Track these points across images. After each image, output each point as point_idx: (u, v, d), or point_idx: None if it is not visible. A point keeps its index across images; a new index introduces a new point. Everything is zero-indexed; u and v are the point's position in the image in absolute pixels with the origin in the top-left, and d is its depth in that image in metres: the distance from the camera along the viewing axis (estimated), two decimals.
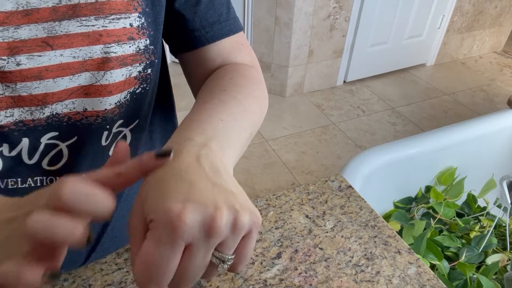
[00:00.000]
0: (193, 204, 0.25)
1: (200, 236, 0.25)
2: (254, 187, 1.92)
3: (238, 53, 0.49)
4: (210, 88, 0.42)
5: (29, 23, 0.34)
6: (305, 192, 0.65)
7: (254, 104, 0.42)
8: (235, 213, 0.26)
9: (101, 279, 0.50)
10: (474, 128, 1.30)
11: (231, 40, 0.48)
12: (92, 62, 0.38)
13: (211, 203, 0.26)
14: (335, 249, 0.56)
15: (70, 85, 0.38)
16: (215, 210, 0.25)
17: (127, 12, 0.38)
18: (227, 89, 0.41)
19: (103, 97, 0.40)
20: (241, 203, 0.27)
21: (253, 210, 0.28)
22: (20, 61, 0.35)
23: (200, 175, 0.28)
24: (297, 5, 2.24)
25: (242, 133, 0.37)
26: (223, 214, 0.25)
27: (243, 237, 0.28)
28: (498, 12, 3.14)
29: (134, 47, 0.40)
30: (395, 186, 1.25)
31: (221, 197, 0.27)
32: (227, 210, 0.26)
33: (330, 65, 2.66)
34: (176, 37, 0.47)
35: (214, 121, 0.34)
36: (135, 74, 0.41)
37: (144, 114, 0.47)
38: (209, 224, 0.25)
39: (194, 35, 0.46)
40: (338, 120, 2.44)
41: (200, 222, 0.25)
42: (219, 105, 0.37)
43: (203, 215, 0.25)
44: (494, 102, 2.73)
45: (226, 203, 0.26)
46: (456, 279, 1.00)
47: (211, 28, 0.46)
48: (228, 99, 0.39)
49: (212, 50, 0.47)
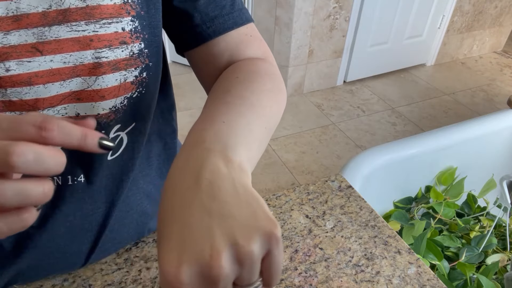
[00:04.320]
0: (186, 257, 0.24)
1: (206, 284, 0.24)
2: (254, 187, 1.91)
3: (247, 46, 0.47)
4: (215, 92, 0.41)
5: (18, 28, 0.34)
6: (305, 192, 0.65)
7: (265, 97, 0.40)
8: (237, 248, 0.24)
9: (101, 279, 0.50)
10: (474, 128, 1.30)
11: (238, 32, 0.46)
12: (83, 67, 0.37)
13: (206, 247, 0.24)
14: (335, 249, 0.56)
15: (61, 91, 0.38)
16: (211, 256, 0.24)
17: (118, 16, 0.38)
18: (231, 90, 0.40)
19: (95, 102, 0.40)
20: (243, 230, 0.25)
21: (263, 227, 0.25)
22: (10, 67, 0.34)
23: (196, 207, 0.26)
24: (297, 5, 2.24)
25: (254, 129, 0.35)
26: (221, 257, 0.24)
27: (265, 257, 0.26)
28: (498, 12, 3.14)
29: (127, 51, 0.39)
30: (395, 186, 1.25)
31: (218, 233, 0.25)
32: (226, 249, 0.24)
33: (330, 65, 2.66)
34: (178, 35, 0.47)
35: (216, 125, 0.33)
36: (132, 79, 0.41)
37: (141, 117, 0.47)
38: (208, 274, 0.24)
39: (196, 31, 0.45)
40: (338, 120, 2.44)
41: (198, 273, 0.24)
42: (222, 107, 0.36)
43: (199, 266, 0.24)
44: (494, 102, 2.73)
45: (225, 238, 0.24)
46: (456, 279, 1.00)
47: (213, 23, 0.44)
48: (232, 99, 0.38)
49: (218, 45, 0.45)
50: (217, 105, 0.37)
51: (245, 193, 0.27)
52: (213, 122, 0.33)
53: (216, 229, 0.25)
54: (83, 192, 0.45)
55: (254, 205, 0.27)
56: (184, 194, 0.27)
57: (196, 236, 0.25)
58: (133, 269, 0.52)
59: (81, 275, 0.51)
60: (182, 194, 0.27)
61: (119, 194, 0.49)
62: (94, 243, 0.50)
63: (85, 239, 0.49)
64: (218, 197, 0.26)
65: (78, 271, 0.51)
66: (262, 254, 0.25)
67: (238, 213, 0.26)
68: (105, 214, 0.49)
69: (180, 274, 0.24)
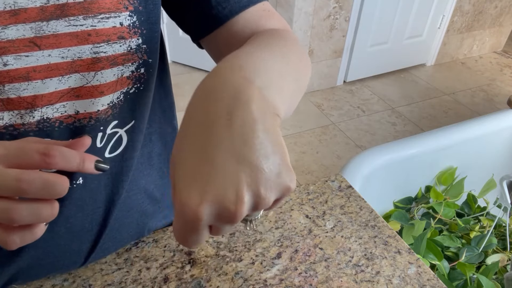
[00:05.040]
0: (210, 197, 0.25)
1: (221, 223, 0.26)
2: None
3: (267, 20, 0.45)
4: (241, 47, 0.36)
5: (16, 23, 0.34)
6: (305, 192, 0.65)
7: (293, 55, 0.37)
8: (258, 199, 0.25)
9: (101, 279, 0.50)
10: (474, 128, 1.30)
11: (256, 9, 0.45)
12: (81, 62, 0.37)
13: (231, 193, 0.25)
14: (335, 249, 0.56)
15: (59, 87, 0.38)
16: (234, 203, 0.25)
17: (116, 11, 0.38)
18: (260, 43, 0.36)
19: (94, 98, 0.40)
20: (268, 184, 0.25)
21: (285, 182, 0.26)
22: (7, 61, 0.34)
23: (225, 148, 0.25)
24: (297, 5, 2.24)
25: (287, 77, 0.33)
26: (243, 205, 0.25)
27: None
28: (498, 12, 3.14)
29: (125, 46, 0.39)
30: (395, 186, 1.25)
31: (244, 181, 0.25)
32: (248, 197, 0.25)
33: (330, 65, 2.66)
34: (194, 23, 0.45)
35: (254, 58, 0.30)
36: (128, 74, 0.41)
37: (140, 115, 0.47)
38: (227, 217, 0.25)
39: (212, 13, 0.43)
40: (338, 120, 2.44)
41: (217, 214, 0.25)
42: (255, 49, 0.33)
43: (220, 209, 0.25)
44: (494, 102, 2.73)
45: (249, 188, 0.25)
46: (456, 279, 1.00)
47: (228, 3, 0.43)
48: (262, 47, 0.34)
49: (237, 24, 0.44)
50: (249, 47, 0.34)
51: (275, 142, 0.26)
52: (250, 56, 0.31)
53: (242, 176, 0.25)
54: (83, 193, 0.45)
55: (281, 157, 0.26)
56: (213, 126, 0.26)
57: (222, 179, 0.25)
58: (133, 269, 0.52)
59: (81, 275, 0.51)
60: (210, 125, 0.26)
61: (119, 193, 0.49)
62: (94, 243, 0.50)
63: (85, 239, 0.49)
64: (250, 143, 0.25)
65: (78, 271, 0.51)
66: (273, 201, 0.27)
67: (266, 165, 0.25)
68: (106, 214, 0.49)
69: (200, 211, 0.24)
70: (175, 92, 0.58)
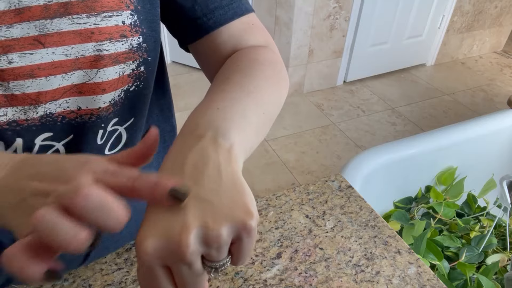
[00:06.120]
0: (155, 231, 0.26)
1: (171, 261, 0.26)
2: (254, 187, 1.92)
3: (250, 35, 0.47)
4: (215, 81, 0.41)
5: (21, 21, 0.34)
6: (305, 192, 0.65)
7: (264, 84, 0.40)
8: (206, 230, 0.25)
9: (101, 279, 0.50)
10: (474, 128, 1.30)
11: (240, 21, 0.47)
12: (84, 60, 0.38)
13: (177, 225, 0.25)
14: (335, 249, 0.56)
15: (63, 84, 0.38)
16: (179, 234, 0.25)
17: (119, 10, 0.38)
18: (230, 77, 0.40)
19: (96, 95, 0.40)
20: (216, 215, 0.26)
21: (237, 216, 0.26)
22: (12, 59, 0.35)
23: None
24: (297, 5, 2.24)
25: (249, 114, 0.35)
26: (189, 236, 0.25)
27: (235, 241, 0.27)
28: (498, 12, 3.14)
29: (127, 44, 0.40)
30: (395, 186, 1.25)
31: (191, 213, 0.26)
32: (195, 229, 0.25)
33: (330, 65, 2.66)
34: (180, 29, 0.47)
35: (210, 111, 0.33)
36: (129, 72, 0.41)
37: (139, 112, 0.47)
38: (176, 250, 0.25)
39: (197, 23, 0.45)
40: (338, 120, 2.44)
41: (166, 248, 0.25)
42: (219, 95, 0.36)
43: (168, 242, 0.25)
44: (494, 102, 2.73)
45: (196, 219, 0.25)
46: (456, 279, 1.00)
47: (213, 14, 0.45)
48: (229, 86, 0.38)
49: (221, 36, 0.46)
50: (214, 93, 0.37)
51: (229, 180, 0.28)
52: (208, 109, 0.33)
53: (190, 210, 0.26)
54: None
55: (234, 193, 0.27)
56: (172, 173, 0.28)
57: (170, 215, 0.26)
58: (133, 269, 0.52)
59: (81, 275, 0.51)
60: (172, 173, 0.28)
61: None
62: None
63: None
64: (200, 182, 0.27)
65: (78, 271, 0.51)
66: (230, 239, 0.26)
67: (216, 199, 0.26)
68: None
69: (145, 245, 0.25)
70: (174, 92, 0.58)
